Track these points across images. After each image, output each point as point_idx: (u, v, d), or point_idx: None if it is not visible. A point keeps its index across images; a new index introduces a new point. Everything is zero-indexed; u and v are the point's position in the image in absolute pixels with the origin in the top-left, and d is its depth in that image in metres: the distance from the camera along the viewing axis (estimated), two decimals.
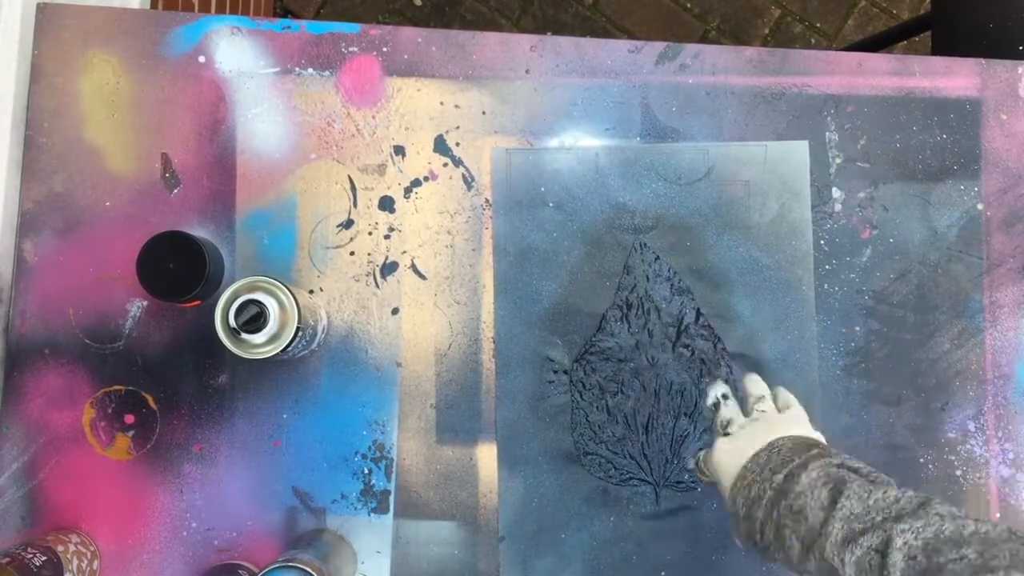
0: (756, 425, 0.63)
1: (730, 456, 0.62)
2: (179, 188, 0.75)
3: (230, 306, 0.63)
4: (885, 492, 0.53)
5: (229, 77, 0.76)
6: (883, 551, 0.50)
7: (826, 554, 0.53)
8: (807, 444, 0.60)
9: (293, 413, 0.74)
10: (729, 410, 0.66)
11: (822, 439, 0.63)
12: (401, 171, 0.77)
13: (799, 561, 0.55)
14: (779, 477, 0.57)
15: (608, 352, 0.76)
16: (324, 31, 0.77)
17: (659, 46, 0.78)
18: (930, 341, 0.77)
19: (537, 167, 0.77)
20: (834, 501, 0.54)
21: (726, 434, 0.64)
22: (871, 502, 0.53)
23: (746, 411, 0.66)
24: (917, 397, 0.77)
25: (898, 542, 0.49)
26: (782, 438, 0.61)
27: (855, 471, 0.57)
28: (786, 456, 0.59)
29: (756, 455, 0.60)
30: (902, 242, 0.78)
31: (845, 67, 0.79)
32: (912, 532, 0.50)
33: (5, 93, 0.73)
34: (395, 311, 0.76)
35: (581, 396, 0.76)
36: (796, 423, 0.64)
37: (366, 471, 0.74)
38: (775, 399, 0.66)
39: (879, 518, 0.52)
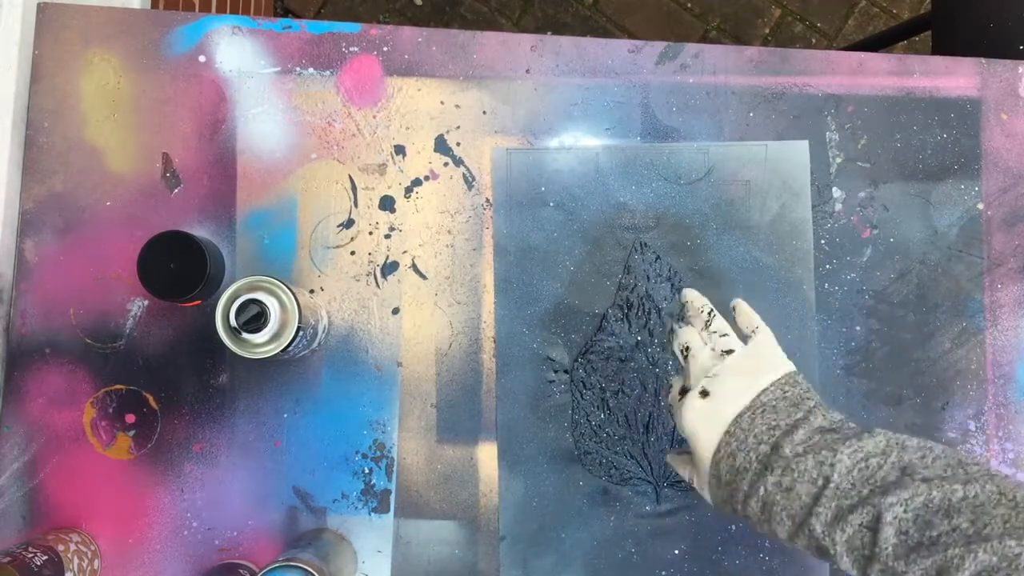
0: (729, 375, 0.57)
1: (708, 420, 0.57)
2: (180, 188, 0.75)
3: (231, 305, 0.63)
4: (866, 459, 0.51)
5: (229, 77, 0.76)
6: (874, 528, 0.48)
7: (816, 533, 0.50)
8: (789, 399, 0.56)
9: (293, 413, 0.74)
10: (699, 358, 0.59)
11: (791, 365, 0.58)
12: (402, 171, 0.77)
13: (789, 537, 0.53)
14: (764, 448, 0.54)
15: (609, 352, 0.76)
16: (324, 31, 0.77)
17: (659, 46, 0.78)
18: (930, 341, 0.77)
19: (537, 167, 0.77)
20: (824, 476, 0.51)
21: (703, 393, 0.58)
22: (856, 473, 0.50)
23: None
24: (917, 397, 0.77)
25: (887, 517, 0.48)
26: (764, 392, 0.56)
27: (834, 431, 0.54)
28: (770, 420, 0.55)
29: (738, 418, 0.56)
30: (902, 242, 0.78)
31: (845, 67, 0.79)
32: (901, 505, 0.48)
33: (5, 93, 0.73)
34: (396, 311, 0.76)
35: (581, 396, 0.76)
36: (767, 353, 0.58)
37: (366, 470, 0.74)
38: (735, 318, 0.61)
39: (866, 491, 0.49)
